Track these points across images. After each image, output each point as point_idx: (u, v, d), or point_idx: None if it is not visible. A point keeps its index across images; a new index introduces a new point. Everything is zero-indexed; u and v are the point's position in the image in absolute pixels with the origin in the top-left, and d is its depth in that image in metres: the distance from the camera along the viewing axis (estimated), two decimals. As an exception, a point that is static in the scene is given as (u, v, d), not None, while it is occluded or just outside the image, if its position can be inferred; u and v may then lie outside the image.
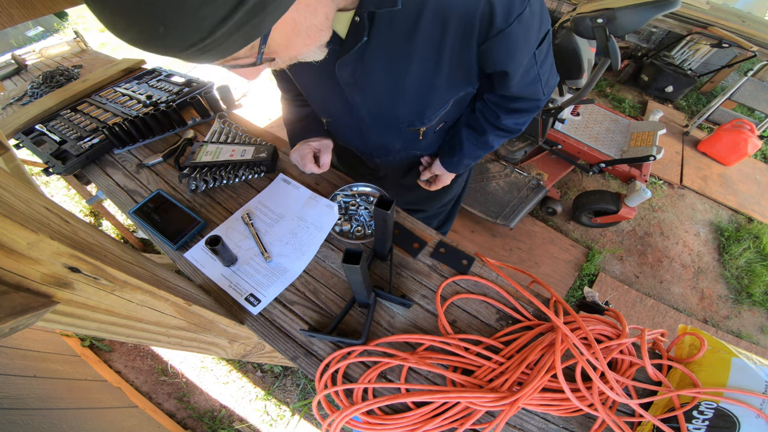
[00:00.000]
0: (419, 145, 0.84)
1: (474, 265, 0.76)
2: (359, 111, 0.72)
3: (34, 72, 1.39)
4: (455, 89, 0.67)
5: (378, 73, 0.61)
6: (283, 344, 0.67)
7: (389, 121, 0.74)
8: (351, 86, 0.65)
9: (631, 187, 1.95)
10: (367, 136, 0.80)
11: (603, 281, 2.02)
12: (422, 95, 0.66)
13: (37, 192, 0.42)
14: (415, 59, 0.58)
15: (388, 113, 0.71)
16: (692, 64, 3.19)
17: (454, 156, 0.88)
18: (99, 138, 0.96)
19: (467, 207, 2.00)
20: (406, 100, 0.66)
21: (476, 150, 0.85)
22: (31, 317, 0.34)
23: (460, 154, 0.86)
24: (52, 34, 4.08)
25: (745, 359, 0.60)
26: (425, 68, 0.59)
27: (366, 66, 0.60)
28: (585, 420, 0.61)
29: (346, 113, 0.75)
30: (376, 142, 0.83)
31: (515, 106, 0.74)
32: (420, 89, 0.64)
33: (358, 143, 0.88)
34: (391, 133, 0.78)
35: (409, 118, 0.72)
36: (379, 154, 0.88)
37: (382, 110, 0.71)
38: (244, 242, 0.79)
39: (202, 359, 1.67)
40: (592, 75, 1.57)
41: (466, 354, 0.63)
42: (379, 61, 0.59)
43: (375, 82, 0.63)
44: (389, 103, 0.68)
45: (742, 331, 1.95)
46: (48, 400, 1.10)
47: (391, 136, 0.79)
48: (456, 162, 0.88)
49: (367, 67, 0.60)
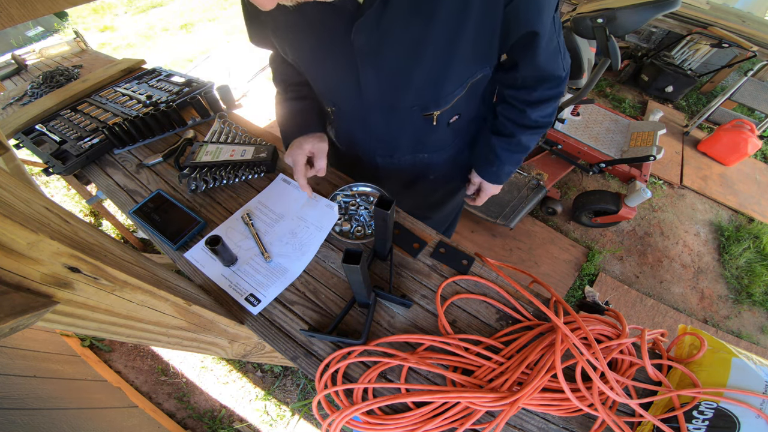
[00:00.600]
0: (429, 139, 0.79)
1: (474, 265, 0.76)
2: (369, 90, 0.66)
3: (34, 72, 1.39)
4: (473, 65, 0.63)
5: (397, 37, 0.57)
6: (283, 344, 0.67)
7: (402, 101, 0.68)
8: (366, 55, 0.60)
9: (631, 187, 1.95)
10: (374, 126, 0.75)
11: (603, 281, 2.02)
12: (441, 66, 0.61)
13: (37, 192, 0.42)
14: (438, 23, 0.54)
15: (402, 89, 0.65)
16: (692, 64, 3.19)
17: (492, 166, 0.87)
18: (99, 138, 0.96)
19: (467, 207, 1.99)
20: (424, 70, 0.61)
21: (513, 155, 0.83)
22: (31, 317, 0.34)
23: (498, 163, 0.85)
24: (52, 34, 4.08)
25: (745, 359, 0.60)
26: (447, 33, 0.56)
27: (384, 29, 0.56)
28: (585, 420, 0.61)
29: (354, 95, 0.69)
30: (382, 134, 0.78)
31: (538, 96, 0.72)
32: (440, 57, 0.59)
33: (361, 136, 0.82)
34: (400, 121, 0.73)
35: (424, 97, 0.67)
36: (384, 152, 0.84)
37: (396, 85, 0.65)
38: (244, 242, 0.79)
39: (202, 359, 1.67)
40: (592, 75, 1.57)
41: (466, 354, 0.63)
42: (399, 24, 0.55)
43: (393, 48, 0.58)
44: (405, 74, 0.62)
45: (742, 331, 1.95)
46: (48, 400, 1.10)
47: (400, 125, 0.75)
48: (496, 172, 0.88)
49: (385, 29, 0.56)
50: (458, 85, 0.66)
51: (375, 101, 0.69)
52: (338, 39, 0.59)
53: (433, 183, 0.97)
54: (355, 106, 0.72)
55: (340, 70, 0.66)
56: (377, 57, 0.60)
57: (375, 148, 0.83)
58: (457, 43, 0.58)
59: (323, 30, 0.58)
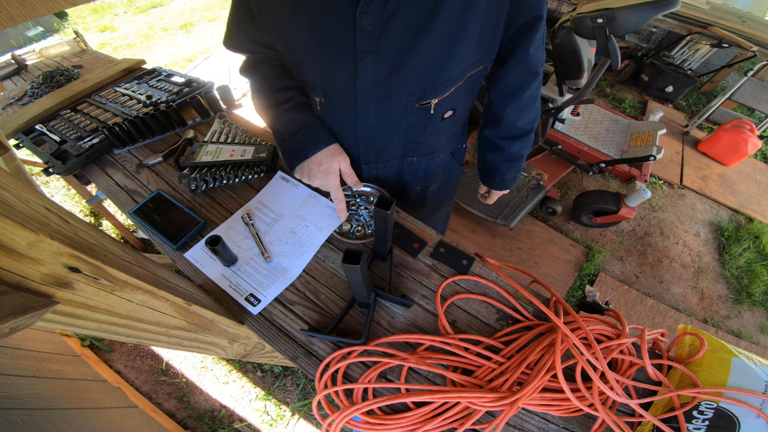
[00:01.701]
0: (421, 135, 0.76)
1: (474, 265, 0.76)
2: (366, 76, 0.62)
3: (34, 72, 1.39)
4: (476, 53, 0.64)
5: (404, 19, 0.55)
6: (283, 344, 0.67)
7: (399, 89, 0.65)
8: (369, 37, 0.57)
9: (631, 187, 1.95)
10: (364, 122, 0.71)
11: (603, 281, 2.02)
12: (445, 50, 0.60)
13: (37, 192, 0.42)
14: (448, 3, 0.54)
15: (402, 74, 0.62)
16: (692, 64, 3.19)
17: (495, 177, 0.96)
18: (99, 138, 0.96)
19: (467, 207, 2.00)
20: (427, 55, 0.60)
21: (511, 164, 0.91)
22: (31, 317, 0.34)
23: (499, 175, 0.95)
24: (52, 34, 4.08)
25: (745, 359, 0.60)
26: (457, 15, 0.56)
27: (391, 11, 0.54)
28: (585, 420, 0.61)
29: (349, 83, 0.64)
30: (372, 133, 0.73)
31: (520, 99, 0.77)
32: (445, 41, 0.59)
33: (348, 137, 0.77)
34: (394, 114, 0.70)
35: (422, 83, 0.65)
36: (370, 156, 0.80)
37: (396, 69, 0.61)
38: (244, 242, 0.79)
39: (202, 359, 1.67)
40: (592, 75, 1.57)
41: (466, 354, 0.63)
42: (408, 5, 0.54)
43: (398, 30, 0.57)
44: (407, 58, 0.60)
45: (742, 331, 1.95)
46: (48, 400, 1.10)
47: (393, 120, 0.71)
48: (499, 181, 0.97)
49: (393, 12, 0.54)
50: (458, 72, 0.65)
51: (369, 89, 0.65)
52: (339, 19, 0.56)
53: (420, 195, 0.94)
54: (348, 95, 0.67)
55: (337, 53, 0.61)
56: (380, 41, 0.58)
57: (361, 152, 0.79)
58: (466, 26, 0.58)
59: (324, 10, 0.56)
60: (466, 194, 2.03)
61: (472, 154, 2.42)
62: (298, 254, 0.76)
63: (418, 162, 0.85)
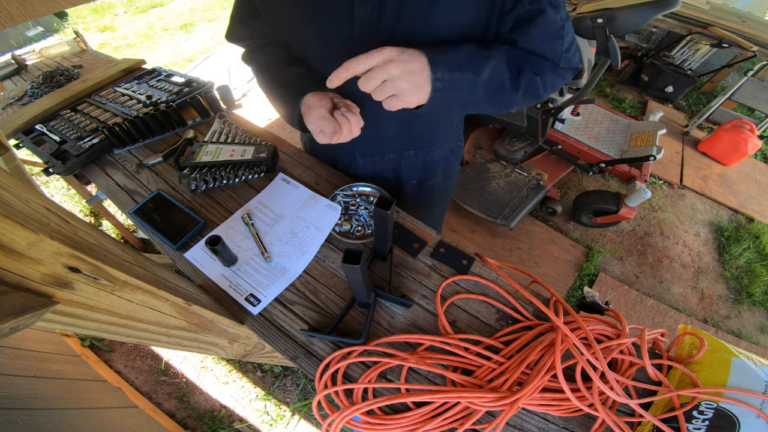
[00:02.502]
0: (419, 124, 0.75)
1: (474, 265, 0.76)
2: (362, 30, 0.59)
3: (34, 72, 1.39)
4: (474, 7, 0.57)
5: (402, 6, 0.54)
6: (283, 344, 0.67)
7: None
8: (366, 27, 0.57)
9: (631, 187, 1.95)
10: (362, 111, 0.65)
11: (603, 281, 2.02)
12: None
13: (37, 192, 0.42)
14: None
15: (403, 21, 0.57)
16: (692, 64, 3.19)
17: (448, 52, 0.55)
18: (99, 138, 0.96)
19: (467, 207, 2.00)
20: None
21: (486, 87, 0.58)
22: (31, 317, 0.34)
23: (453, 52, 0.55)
24: (52, 34, 4.08)
25: (745, 359, 0.60)
26: None
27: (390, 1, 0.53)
28: (585, 420, 0.61)
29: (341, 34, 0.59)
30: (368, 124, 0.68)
31: None
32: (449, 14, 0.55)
33: None
34: None
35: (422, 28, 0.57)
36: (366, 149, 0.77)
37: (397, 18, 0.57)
38: (244, 242, 0.79)
39: (202, 359, 1.67)
40: (592, 75, 1.57)
41: (466, 354, 0.63)
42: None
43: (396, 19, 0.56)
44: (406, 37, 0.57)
45: (742, 331, 1.95)
46: (48, 400, 1.10)
47: None
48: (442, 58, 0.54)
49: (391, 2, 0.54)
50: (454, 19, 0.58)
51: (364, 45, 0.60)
52: (338, 13, 0.57)
53: (418, 189, 0.93)
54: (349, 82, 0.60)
55: (334, 39, 0.61)
56: (377, 30, 0.58)
57: (357, 145, 0.76)
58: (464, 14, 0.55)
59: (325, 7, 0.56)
60: (466, 194, 2.03)
61: (472, 154, 2.41)
62: (298, 254, 0.76)
63: (416, 156, 0.84)
